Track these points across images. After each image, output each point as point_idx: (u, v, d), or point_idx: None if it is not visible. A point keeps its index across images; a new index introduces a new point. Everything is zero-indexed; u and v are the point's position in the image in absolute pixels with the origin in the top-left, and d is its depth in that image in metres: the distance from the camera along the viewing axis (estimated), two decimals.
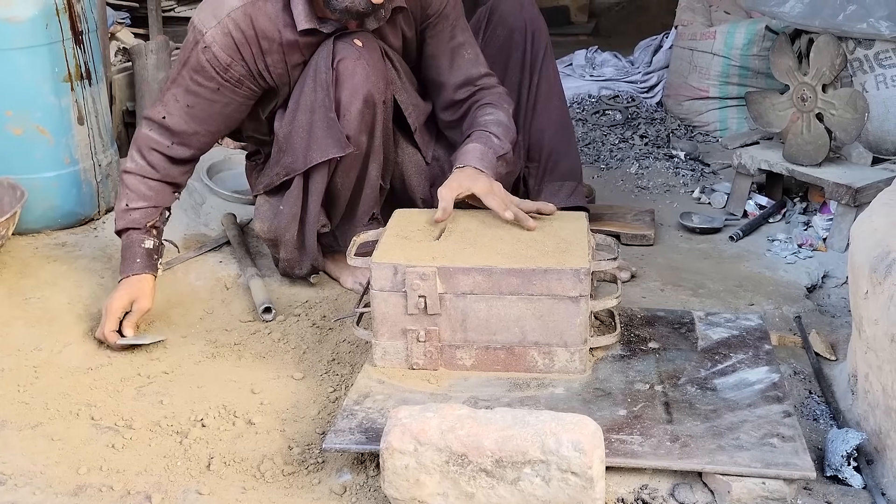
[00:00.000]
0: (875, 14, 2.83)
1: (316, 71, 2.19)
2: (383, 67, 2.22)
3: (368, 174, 2.31)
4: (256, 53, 2.19)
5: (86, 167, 2.75)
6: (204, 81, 2.21)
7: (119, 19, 3.42)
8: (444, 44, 2.34)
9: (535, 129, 2.51)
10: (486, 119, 2.26)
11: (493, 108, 2.29)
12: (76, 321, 2.28)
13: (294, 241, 2.34)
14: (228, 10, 2.16)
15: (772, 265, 2.61)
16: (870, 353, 1.75)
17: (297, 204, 2.29)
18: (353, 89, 2.16)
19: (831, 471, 1.70)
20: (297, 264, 2.40)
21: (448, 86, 2.36)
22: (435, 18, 2.33)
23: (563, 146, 2.55)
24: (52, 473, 1.73)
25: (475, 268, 1.85)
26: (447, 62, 2.35)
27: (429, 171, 2.44)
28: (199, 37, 2.18)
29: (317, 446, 1.79)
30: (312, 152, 2.20)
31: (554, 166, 2.54)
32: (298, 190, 2.27)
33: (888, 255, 1.69)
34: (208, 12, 2.18)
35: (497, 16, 2.48)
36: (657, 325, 2.11)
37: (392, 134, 2.36)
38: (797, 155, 2.81)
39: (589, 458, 1.48)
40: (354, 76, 2.16)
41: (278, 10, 2.17)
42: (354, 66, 2.15)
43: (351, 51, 2.16)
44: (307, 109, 2.20)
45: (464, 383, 1.88)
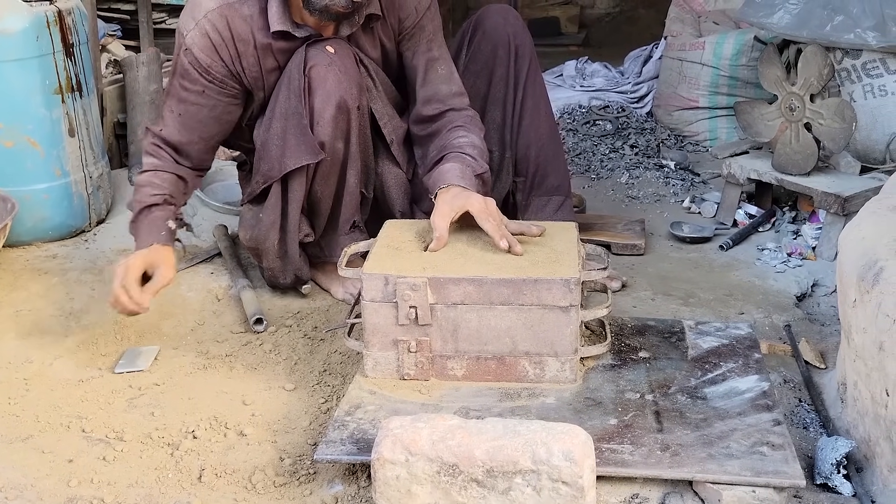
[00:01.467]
0: (862, 24, 2.85)
1: (289, 78, 2.20)
2: (356, 73, 2.22)
3: (347, 181, 2.32)
4: (234, 55, 2.21)
5: (77, 179, 2.75)
6: (190, 85, 2.23)
7: (110, 31, 3.42)
8: (419, 56, 2.34)
9: (521, 144, 2.50)
10: (460, 141, 2.24)
11: (466, 130, 2.26)
12: (67, 333, 2.28)
13: (275, 250, 2.36)
14: (205, 12, 2.18)
15: (761, 274, 2.62)
16: (858, 362, 1.75)
17: (276, 212, 2.30)
18: (326, 95, 2.17)
19: (821, 479, 1.70)
20: (281, 273, 2.41)
21: (418, 99, 2.34)
22: (411, 30, 2.33)
23: (550, 161, 2.53)
24: (42, 486, 1.73)
25: (466, 278, 1.86)
26: (420, 75, 2.34)
27: (409, 186, 2.44)
28: (182, 40, 2.21)
29: (308, 457, 1.79)
30: (287, 159, 2.21)
31: (541, 181, 2.53)
32: (276, 198, 2.29)
33: (876, 264, 1.70)
34: (188, 15, 2.21)
35: (481, 31, 2.47)
36: (648, 334, 2.11)
37: (371, 142, 2.36)
38: (786, 164, 2.83)
39: (580, 468, 1.49)
40: (326, 82, 2.16)
41: (255, 12, 2.19)
42: (326, 72, 2.16)
43: (322, 57, 2.17)
44: (281, 117, 2.21)
45: (455, 393, 1.88)
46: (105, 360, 2.18)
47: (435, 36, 2.36)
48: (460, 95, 2.34)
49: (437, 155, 2.25)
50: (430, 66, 2.34)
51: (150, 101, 3.16)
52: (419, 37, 2.34)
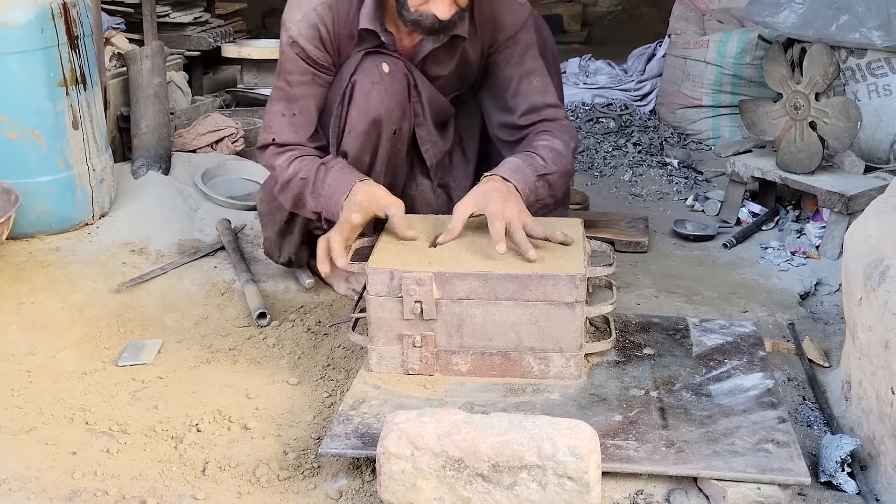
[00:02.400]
0: (867, 24, 2.85)
1: (340, 78, 2.23)
2: (403, 99, 2.21)
3: None
4: (336, 47, 2.22)
5: (80, 172, 2.74)
6: (298, 78, 2.22)
7: (114, 24, 3.42)
8: (513, 68, 2.32)
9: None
10: (539, 143, 2.20)
11: (550, 136, 2.23)
12: (70, 326, 2.28)
13: (280, 225, 2.39)
14: (314, 5, 2.19)
15: (765, 272, 2.62)
16: (864, 360, 1.75)
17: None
18: (364, 110, 2.18)
19: (825, 476, 1.70)
20: (276, 249, 2.45)
21: (512, 110, 2.30)
22: (504, 42, 2.31)
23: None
24: (46, 478, 1.73)
25: (471, 273, 1.85)
26: (513, 86, 2.31)
27: (435, 202, 2.43)
28: (287, 32, 2.21)
29: (312, 451, 1.79)
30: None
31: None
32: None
33: (882, 262, 1.70)
34: (294, 8, 2.22)
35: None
36: (652, 331, 2.11)
37: (403, 165, 2.35)
38: (790, 163, 2.83)
39: (585, 463, 1.48)
40: (369, 98, 2.17)
41: (356, 7, 2.20)
42: (370, 88, 2.16)
43: (373, 73, 2.17)
44: (327, 110, 2.25)
45: (460, 389, 1.88)
46: (108, 353, 2.17)
47: (529, 49, 2.34)
48: (555, 107, 2.31)
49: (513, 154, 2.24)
50: (524, 78, 2.31)
51: (154, 94, 3.16)
52: (513, 49, 2.32)
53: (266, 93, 3.87)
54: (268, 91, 3.87)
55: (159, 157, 3.12)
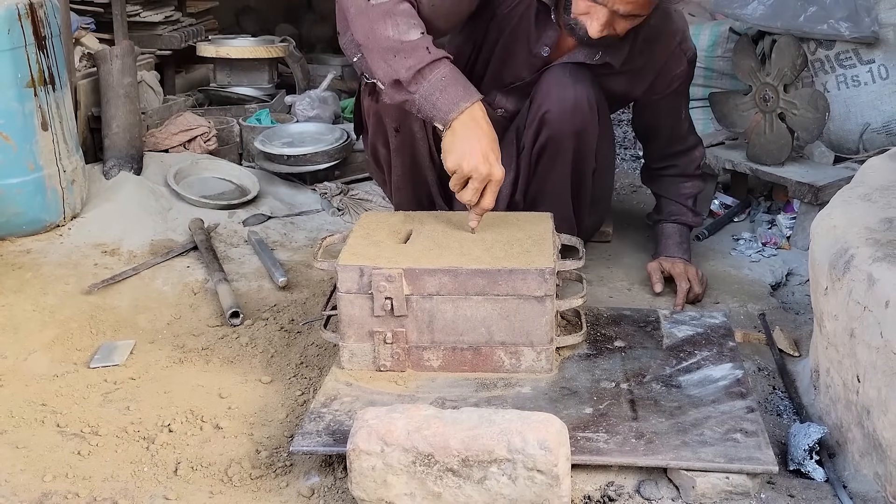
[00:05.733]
0: (835, 15, 2.87)
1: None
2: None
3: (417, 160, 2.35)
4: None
5: (50, 173, 2.73)
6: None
7: (83, 24, 3.39)
8: (664, 118, 2.52)
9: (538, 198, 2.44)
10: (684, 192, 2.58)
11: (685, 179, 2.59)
12: (42, 328, 2.26)
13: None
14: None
15: (736, 263, 2.64)
16: (830, 349, 1.77)
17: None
18: (370, 101, 2.23)
19: (794, 465, 1.72)
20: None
21: (651, 157, 2.64)
22: (664, 92, 2.44)
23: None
24: (17, 481, 1.72)
25: (441, 269, 1.86)
26: (664, 136, 2.56)
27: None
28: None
29: (285, 450, 1.79)
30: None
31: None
32: None
33: (846, 252, 1.71)
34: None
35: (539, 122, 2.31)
36: (623, 323, 2.12)
37: (429, 170, 2.37)
38: (760, 154, 2.84)
39: (554, 456, 1.49)
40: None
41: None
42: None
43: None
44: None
45: (431, 384, 1.89)
46: (80, 355, 2.16)
47: (683, 98, 2.51)
48: (694, 147, 2.59)
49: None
50: (674, 130, 2.54)
51: (125, 94, 3.14)
52: (669, 100, 2.46)
53: (240, 91, 3.86)
54: (241, 90, 3.87)
55: (131, 158, 3.10)
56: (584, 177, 2.38)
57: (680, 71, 2.41)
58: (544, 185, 2.36)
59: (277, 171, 3.24)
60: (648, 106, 2.51)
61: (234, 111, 3.65)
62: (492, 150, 1.94)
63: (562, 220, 2.29)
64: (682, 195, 2.58)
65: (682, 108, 2.53)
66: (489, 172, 1.93)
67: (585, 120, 2.26)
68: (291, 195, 3.16)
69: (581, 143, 2.29)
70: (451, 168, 1.94)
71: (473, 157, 1.91)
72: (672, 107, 2.50)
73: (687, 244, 2.53)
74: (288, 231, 2.89)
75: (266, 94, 3.88)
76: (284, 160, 3.20)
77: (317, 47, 4.86)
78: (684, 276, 2.37)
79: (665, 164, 2.61)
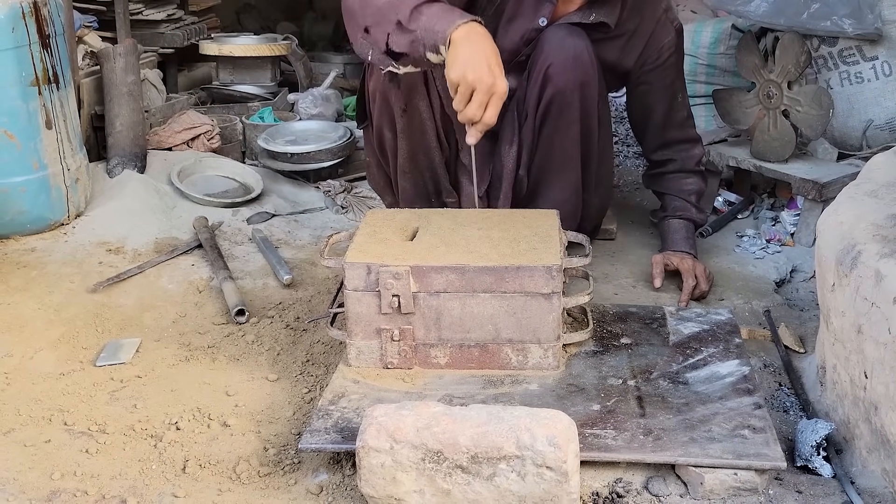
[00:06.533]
0: (838, 12, 2.87)
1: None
2: (414, 78, 2.08)
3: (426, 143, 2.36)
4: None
5: (54, 172, 2.73)
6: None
7: (86, 23, 3.39)
8: (657, 94, 2.51)
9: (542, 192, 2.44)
10: (686, 188, 2.58)
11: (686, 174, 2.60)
12: (47, 326, 2.26)
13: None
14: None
15: (741, 260, 2.64)
16: (837, 345, 1.77)
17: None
18: (375, 80, 2.23)
19: (801, 461, 1.72)
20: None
21: (651, 143, 2.62)
22: (655, 62, 2.45)
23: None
24: (25, 479, 1.72)
25: (448, 266, 1.86)
26: (659, 119, 2.55)
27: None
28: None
29: (292, 447, 1.79)
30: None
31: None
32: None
33: (854, 248, 1.71)
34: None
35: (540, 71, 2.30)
36: (629, 320, 2.13)
37: (435, 151, 2.37)
38: (764, 151, 2.85)
39: (563, 453, 1.49)
40: (377, 71, 2.15)
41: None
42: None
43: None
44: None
45: (438, 381, 1.89)
46: (86, 353, 2.16)
47: (677, 76, 2.51)
48: (693, 142, 2.60)
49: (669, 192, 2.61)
50: (670, 111, 2.54)
51: (128, 92, 3.14)
52: (661, 73, 2.47)
53: (242, 89, 3.86)
54: (244, 88, 3.86)
55: (134, 156, 3.10)
56: (591, 138, 2.36)
57: (668, 40, 2.44)
58: (551, 150, 2.34)
59: (281, 169, 3.24)
60: (642, 84, 2.50)
61: (236, 109, 3.66)
62: (496, 62, 1.89)
63: (571, 188, 2.30)
64: (685, 191, 2.59)
65: (676, 89, 2.53)
66: (493, 83, 1.88)
67: (588, 72, 2.26)
68: (295, 193, 3.17)
69: (585, 96, 2.28)
70: (455, 79, 1.88)
71: (478, 66, 1.87)
72: (665, 85, 2.50)
73: (693, 240, 2.54)
74: (292, 229, 2.89)
75: (269, 93, 3.88)
76: (288, 158, 3.21)
77: (318, 45, 4.87)
78: (691, 273, 2.37)
79: (664, 159, 2.61)
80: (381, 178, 2.53)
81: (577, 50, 2.24)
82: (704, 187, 2.64)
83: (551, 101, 2.28)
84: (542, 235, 1.97)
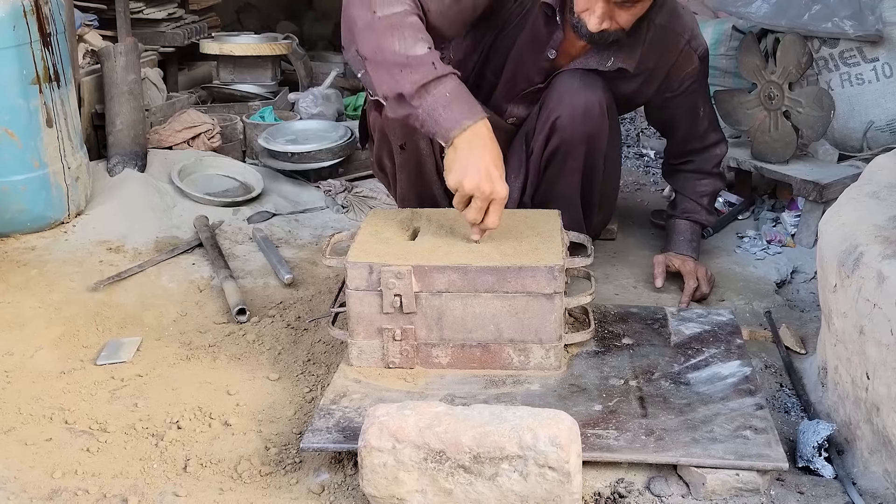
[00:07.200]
0: (839, 14, 2.87)
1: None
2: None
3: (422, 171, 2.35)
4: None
5: (55, 170, 2.72)
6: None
7: (87, 21, 3.38)
8: (682, 115, 2.53)
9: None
10: (701, 190, 2.60)
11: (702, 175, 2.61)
12: (48, 325, 2.26)
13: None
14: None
15: (742, 261, 2.64)
16: (839, 346, 1.77)
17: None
18: (375, 116, 2.23)
19: (803, 462, 1.72)
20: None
21: (669, 153, 2.67)
22: (677, 90, 2.45)
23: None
24: (26, 478, 1.72)
25: (450, 266, 1.86)
26: (681, 132, 2.57)
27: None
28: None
29: (294, 446, 1.79)
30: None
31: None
32: None
33: (856, 249, 1.71)
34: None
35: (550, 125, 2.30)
36: (630, 321, 2.13)
37: (437, 185, 2.34)
38: (765, 152, 2.85)
39: (566, 453, 1.49)
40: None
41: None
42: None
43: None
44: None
45: (440, 381, 1.89)
46: (87, 352, 2.16)
47: (699, 96, 2.51)
48: (712, 146, 2.60)
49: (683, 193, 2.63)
50: (691, 128, 2.55)
51: (128, 91, 3.13)
52: (683, 99, 2.46)
53: (243, 89, 3.86)
54: (244, 87, 3.86)
55: (135, 155, 3.10)
56: (594, 181, 2.38)
57: (691, 69, 2.41)
58: (553, 188, 2.37)
59: (281, 169, 3.24)
60: (664, 108, 2.52)
61: (237, 108, 3.65)
62: (495, 167, 1.86)
63: (571, 221, 2.29)
64: (698, 192, 2.59)
65: (698, 106, 2.52)
66: (492, 191, 1.85)
67: (596, 126, 2.26)
68: (295, 192, 3.16)
69: (592, 148, 2.29)
70: (452, 186, 1.88)
71: (475, 175, 1.84)
72: (688, 107, 2.50)
73: (697, 243, 2.54)
74: (292, 228, 2.89)
75: (269, 92, 3.88)
76: (288, 157, 3.20)
77: (318, 45, 4.87)
78: (693, 275, 2.38)
79: (683, 160, 2.63)
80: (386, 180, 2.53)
81: (587, 105, 2.23)
82: (721, 186, 2.65)
83: (556, 149, 2.29)
84: (544, 236, 1.97)
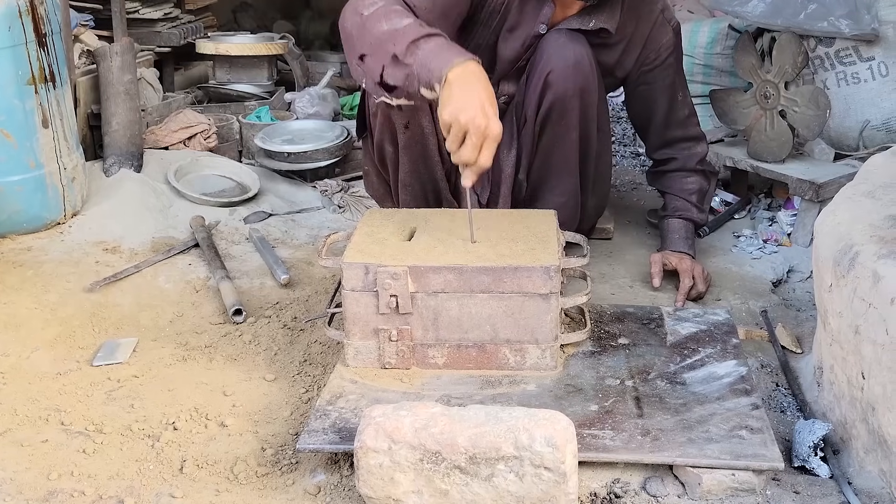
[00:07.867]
0: (835, 13, 2.87)
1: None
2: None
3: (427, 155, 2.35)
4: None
5: (51, 171, 2.72)
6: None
7: (83, 21, 3.38)
8: (659, 92, 2.53)
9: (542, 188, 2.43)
10: (688, 188, 2.60)
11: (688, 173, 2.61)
12: (44, 326, 2.26)
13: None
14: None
15: (738, 260, 2.64)
16: (834, 345, 1.78)
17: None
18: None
19: (799, 461, 1.72)
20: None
21: (656, 140, 2.63)
22: (653, 62, 2.46)
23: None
24: (22, 479, 1.71)
25: (446, 266, 1.86)
26: (661, 117, 2.56)
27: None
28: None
29: (290, 447, 1.79)
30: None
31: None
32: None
33: (851, 249, 1.72)
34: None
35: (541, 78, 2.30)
36: (627, 321, 2.13)
37: (437, 168, 2.37)
38: (761, 152, 2.85)
39: (561, 453, 1.49)
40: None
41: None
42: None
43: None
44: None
45: (436, 382, 1.89)
46: (83, 353, 2.16)
47: (678, 74, 2.52)
48: (692, 139, 2.61)
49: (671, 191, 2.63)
50: (671, 111, 2.55)
51: (124, 91, 3.13)
52: (661, 72, 2.48)
53: (239, 88, 3.86)
54: (240, 87, 3.86)
55: (131, 155, 3.10)
56: (590, 143, 2.37)
57: (666, 41, 2.46)
58: (551, 155, 2.35)
59: (278, 169, 3.24)
60: (641, 84, 2.52)
61: (233, 108, 3.65)
62: (490, 104, 1.84)
63: (570, 195, 2.30)
64: (686, 191, 2.59)
65: (677, 88, 2.54)
66: (487, 125, 1.82)
67: (588, 78, 2.27)
68: (292, 192, 3.16)
69: (585, 103, 2.29)
70: (448, 120, 1.83)
71: (471, 108, 1.81)
72: (665, 85, 2.51)
73: (692, 240, 2.54)
74: (289, 228, 2.89)
75: (265, 92, 3.88)
76: (285, 157, 3.20)
77: (315, 44, 4.86)
78: (689, 273, 2.38)
79: (665, 158, 2.62)
80: (381, 187, 2.53)
81: (577, 56, 2.25)
82: (707, 186, 2.64)
83: (551, 106, 2.28)
84: (539, 236, 1.97)
